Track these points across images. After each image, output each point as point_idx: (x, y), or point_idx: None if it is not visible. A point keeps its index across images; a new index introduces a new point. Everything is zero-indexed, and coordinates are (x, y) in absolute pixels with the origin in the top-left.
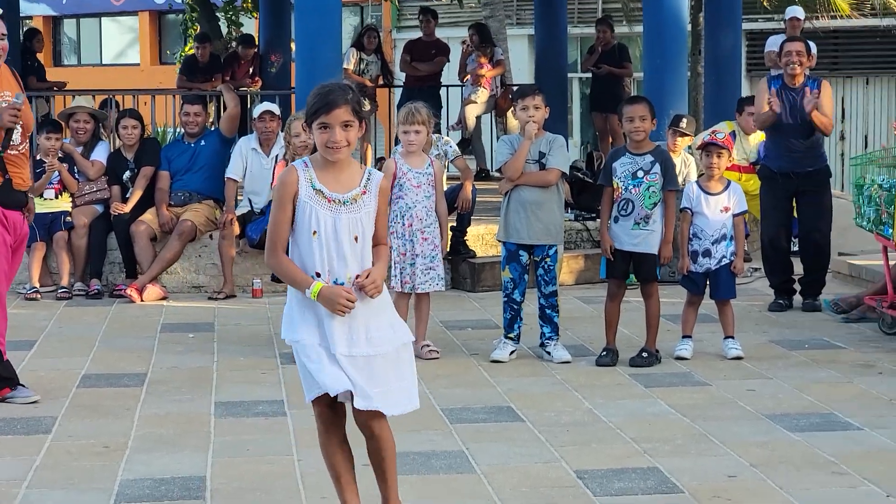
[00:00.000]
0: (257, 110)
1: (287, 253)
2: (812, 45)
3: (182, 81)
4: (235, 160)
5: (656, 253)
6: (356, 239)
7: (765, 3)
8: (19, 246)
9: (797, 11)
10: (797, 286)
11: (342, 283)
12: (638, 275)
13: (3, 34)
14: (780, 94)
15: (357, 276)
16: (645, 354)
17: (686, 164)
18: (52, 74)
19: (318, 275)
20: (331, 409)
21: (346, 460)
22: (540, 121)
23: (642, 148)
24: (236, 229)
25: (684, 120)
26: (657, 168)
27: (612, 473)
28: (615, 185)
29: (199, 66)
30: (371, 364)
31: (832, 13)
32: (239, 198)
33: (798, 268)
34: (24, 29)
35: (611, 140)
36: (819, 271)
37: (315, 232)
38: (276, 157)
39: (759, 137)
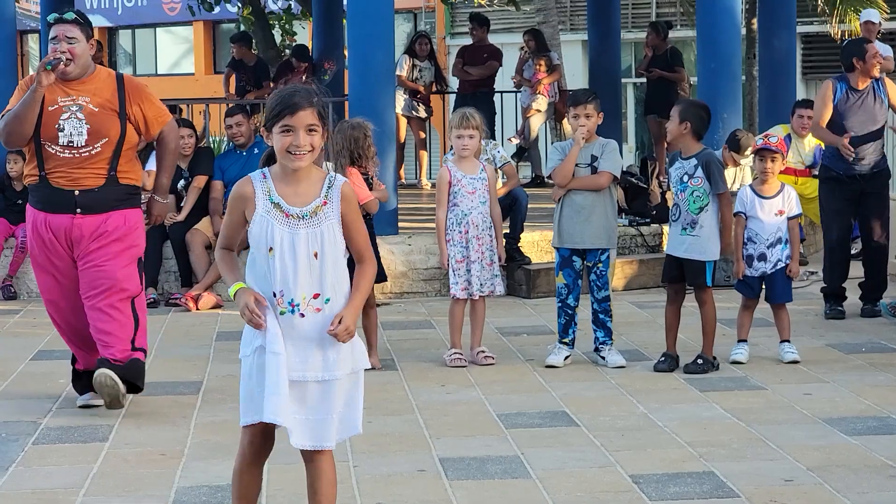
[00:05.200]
0: None
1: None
2: (888, 48)
3: (229, 73)
4: None
5: (703, 259)
6: (315, 255)
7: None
8: (99, 249)
9: (872, 15)
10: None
11: (297, 304)
12: (688, 282)
13: (70, 37)
14: (847, 96)
15: (330, 325)
16: (700, 361)
17: (741, 169)
18: None
19: (274, 295)
20: (264, 438)
21: (257, 491)
22: (592, 128)
23: (689, 151)
24: None
25: (749, 149)
26: (699, 172)
27: (667, 478)
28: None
29: (246, 65)
30: (324, 389)
31: None
32: None
33: (855, 271)
34: None
35: (665, 145)
36: (881, 274)
37: (271, 249)
38: None
39: (814, 141)
